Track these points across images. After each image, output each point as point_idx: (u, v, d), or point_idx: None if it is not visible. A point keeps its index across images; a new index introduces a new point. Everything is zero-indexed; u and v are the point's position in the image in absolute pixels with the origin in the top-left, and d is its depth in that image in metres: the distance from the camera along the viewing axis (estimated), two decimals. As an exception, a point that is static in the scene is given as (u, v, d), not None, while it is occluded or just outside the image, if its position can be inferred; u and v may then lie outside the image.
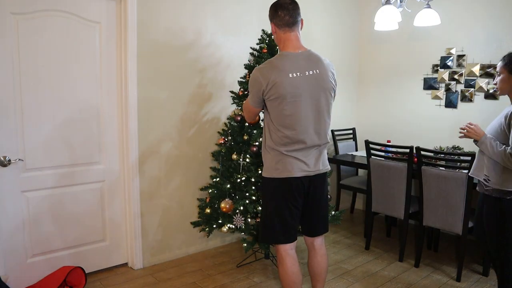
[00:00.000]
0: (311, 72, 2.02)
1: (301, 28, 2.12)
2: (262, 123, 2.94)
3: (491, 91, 3.57)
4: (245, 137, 2.89)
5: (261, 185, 2.26)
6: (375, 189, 3.37)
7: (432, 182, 2.99)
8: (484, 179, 2.22)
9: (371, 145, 3.39)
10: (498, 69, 2.23)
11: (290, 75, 1.98)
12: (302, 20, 2.12)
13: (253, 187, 2.84)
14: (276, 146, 2.08)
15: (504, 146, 2.08)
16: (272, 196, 2.16)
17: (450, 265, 3.21)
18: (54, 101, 2.62)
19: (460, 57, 3.74)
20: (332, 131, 4.33)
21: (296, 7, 2.07)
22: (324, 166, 2.22)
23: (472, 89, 3.69)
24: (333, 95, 2.13)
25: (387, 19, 3.26)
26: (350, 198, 4.62)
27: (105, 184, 2.93)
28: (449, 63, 3.82)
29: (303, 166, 2.10)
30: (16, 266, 2.57)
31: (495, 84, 2.25)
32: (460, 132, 2.33)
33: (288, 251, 2.18)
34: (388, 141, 3.93)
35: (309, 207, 2.23)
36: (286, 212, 2.14)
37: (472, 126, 2.26)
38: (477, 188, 2.37)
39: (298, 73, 1.99)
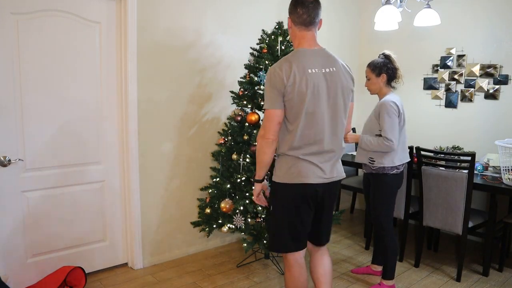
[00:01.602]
0: (327, 70, 1.93)
1: (318, 29, 2.04)
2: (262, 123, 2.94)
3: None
4: (245, 137, 2.89)
5: (271, 191, 2.11)
6: (375, 189, 3.37)
7: (432, 182, 2.99)
8: (369, 162, 2.69)
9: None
10: (366, 74, 2.77)
11: (310, 71, 1.89)
12: (321, 20, 2.02)
13: (253, 187, 2.84)
14: (291, 148, 1.95)
15: (378, 137, 2.61)
16: (283, 203, 2.03)
17: (450, 265, 3.21)
18: (54, 101, 2.62)
19: (460, 57, 3.74)
20: (332, 131, 4.32)
21: (317, 6, 1.96)
22: (339, 173, 2.09)
23: (472, 89, 3.69)
24: (351, 96, 2.06)
25: (387, 19, 3.27)
26: (350, 198, 4.62)
27: (105, 184, 2.93)
28: (449, 63, 3.82)
29: (319, 172, 1.98)
30: (16, 266, 2.58)
31: (366, 86, 2.80)
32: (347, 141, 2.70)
33: (297, 259, 2.08)
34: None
35: (319, 216, 2.11)
36: (298, 221, 2.02)
37: (347, 136, 2.67)
38: (363, 170, 2.83)
39: (315, 69, 1.90)
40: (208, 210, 3.01)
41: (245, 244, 2.80)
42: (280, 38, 2.90)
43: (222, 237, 3.57)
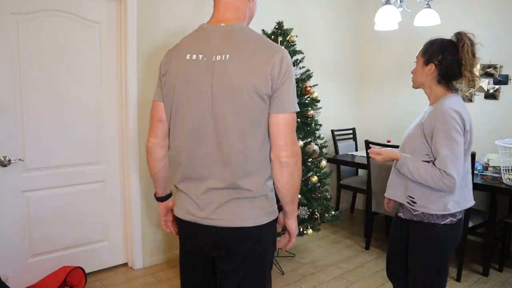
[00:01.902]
0: (219, 58, 1.24)
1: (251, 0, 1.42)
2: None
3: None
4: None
5: None
6: (375, 189, 3.37)
7: (432, 182, 2.97)
8: (408, 201, 1.75)
9: (371, 145, 3.39)
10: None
11: (188, 56, 1.29)
12: None
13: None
14: (173, 166, 1.43)
15: (430, 165, 1.65)
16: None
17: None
18: (54, 101, 2.62)
19: (460, 57, 3.74)
20: (332, 131, 4.33)
21: None
22: (231, 217, 1.28)
23: (472, 89, 3.69)
24: (260, 103, 1.22)
25: (387, 19, 3.27)
26: (350, 198, 4.62)
27: (105, 184, 2.92)
28: (449, 63, 3.82)
29: (190, 204, 1.33)
30: (16, 266, 2.57)
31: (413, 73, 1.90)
32: (373, 158, 1.85)
33: None
34: (388, 141, 3.93)
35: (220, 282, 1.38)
36: (182, 274, 1.48)
37: (381, 151, 1.82)
38: (399, 214, 1.83)
39: (200, 56, 1.27)
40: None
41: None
42: (280, 38, 2.90)
43: (222, 237, 3.56)
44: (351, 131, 4.57)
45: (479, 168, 3.18)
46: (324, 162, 3.01)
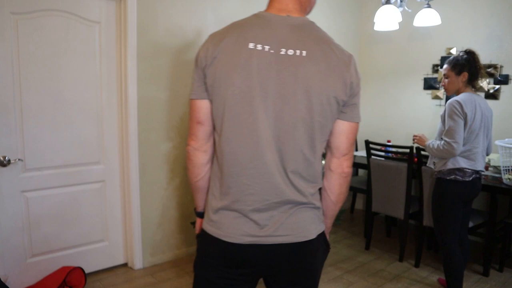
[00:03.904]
0: (290, 52, 1.11)
1: None
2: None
3: (441, 90, 3.84)
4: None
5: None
6: (375, 189, 3.37)
7: (432, 182, 2.99)
8: (433, 164, 2.62)
9: (371, 145, 3.38)
10: (444, 72, 2.51)
11: (251, 45, 1.11)
12: None
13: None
14: (217, 176, 1.22)
15: (438, 141, 2.46)
16: (197, 260, 1.27)
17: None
18: (54, 100, 2.61)
19: (460, 57, 3.74)
20: (332, 131, 4.32)
21: None
22: (295, 231, 1.17)
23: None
24: (334, 109, 1.15)
25: (387, 19, 3.27)
26: (350, 198, 4.63)
27: (105, 184, 2.92)
28: (449, 63, 3.82)
29: (247, 225, 1.15)
30: (16, 266, 2.57)
31: (443, 85, 2.55)
32: (413, 141, 2.75)
33: None
34: (388, 141, 3.93)
35: None
36: None
37: (417, 136, 2.71)
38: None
39: (266, 47, 1.11)
40: (208, 210, 3.00)
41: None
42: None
43: (222, 237, 3.56)
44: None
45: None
46: (324, 162, 3.01)
